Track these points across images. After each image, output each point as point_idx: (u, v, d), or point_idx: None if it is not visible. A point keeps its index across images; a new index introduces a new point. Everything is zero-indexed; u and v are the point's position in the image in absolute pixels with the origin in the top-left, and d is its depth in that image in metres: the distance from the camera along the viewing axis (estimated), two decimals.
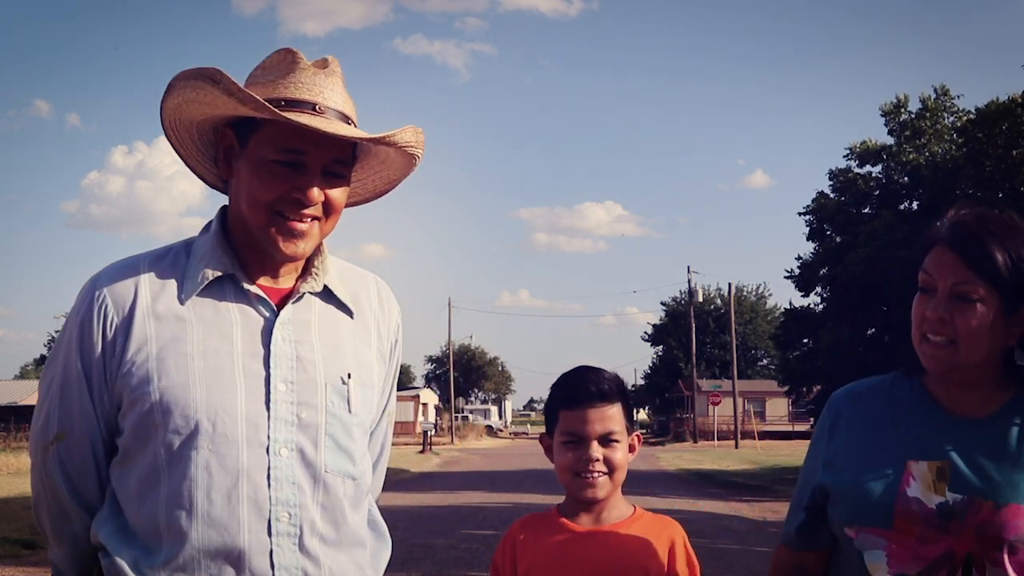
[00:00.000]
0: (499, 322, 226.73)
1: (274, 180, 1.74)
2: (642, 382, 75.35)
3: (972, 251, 1.72)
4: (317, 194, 1.76)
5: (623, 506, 2.09)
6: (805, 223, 32.34)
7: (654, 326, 71.91)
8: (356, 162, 1.89)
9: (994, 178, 20.51)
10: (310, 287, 1.84)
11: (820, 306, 32.31)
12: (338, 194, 1.80)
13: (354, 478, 1.82)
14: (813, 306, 32.77)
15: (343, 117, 1.78)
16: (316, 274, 1.86)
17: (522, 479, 22.39)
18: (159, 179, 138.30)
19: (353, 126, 1.80)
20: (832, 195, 31.90)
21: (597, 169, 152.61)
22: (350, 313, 1.89)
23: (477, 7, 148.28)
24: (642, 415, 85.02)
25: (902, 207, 30.59)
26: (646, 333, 73.06)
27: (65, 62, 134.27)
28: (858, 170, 31.84)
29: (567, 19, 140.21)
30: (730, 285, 52.85)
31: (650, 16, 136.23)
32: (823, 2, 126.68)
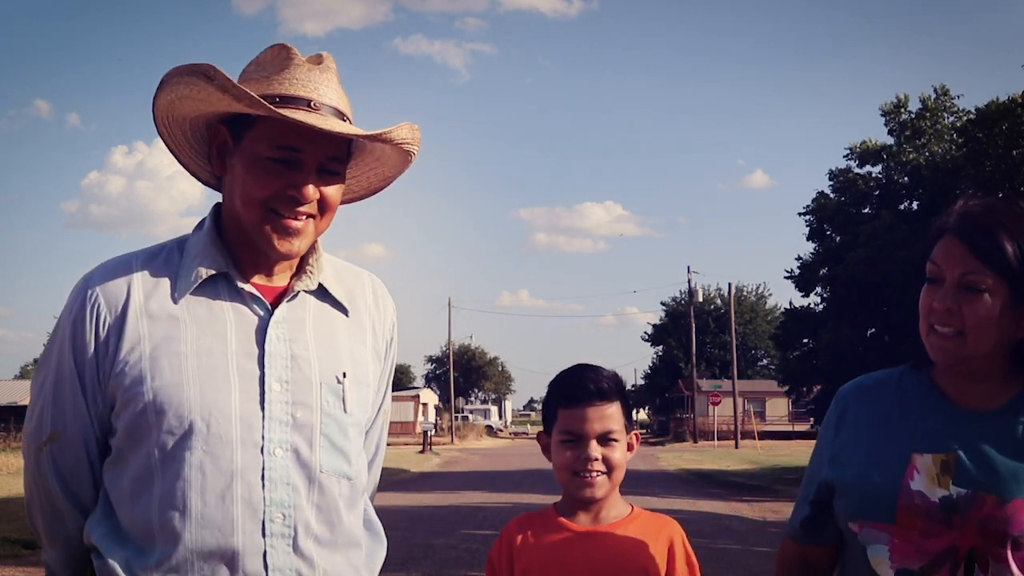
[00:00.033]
0: (499, 322, 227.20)
1: (268, 177, 1.72)
2: (642, 382, 75.34)
3: (980, 241, 1.70)
4: (312, 191, 1.74)
5: (621, 505, 2.08)
6: (805, 223, 32.37)
7: (654, 326, 71.93)
8: (351, 159, 1.87)
9: (994, 178, 20.48)
10: (305, 285, 1.83)
11: (820, 306, 32.30)
12: (333, 191, 1.78)
13: (349, 478, 1.80)
14: (813, 306, 32.77)
15: (338, 113, 1.76)
16: (311, 272, 1.84)
17: (522, 479, 22.36)
18: (159, 179, 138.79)
19: (348, 123, 1.78)
20: (832, 195, 31.90)
21: (597, 169, 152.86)
22: (345, 311, 1.87)
23: (477, 7, 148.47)
24: (642, 415, 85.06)
25: (902, 207, 30.59)
26: (646, 333, 73.17)
27: (65, 62, 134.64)
28: (858, 170, 31.84)
29: (567, 19, 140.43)
30: (730, 285, 52.91)
31: (650, 16, 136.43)
32: (823, 2, 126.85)
